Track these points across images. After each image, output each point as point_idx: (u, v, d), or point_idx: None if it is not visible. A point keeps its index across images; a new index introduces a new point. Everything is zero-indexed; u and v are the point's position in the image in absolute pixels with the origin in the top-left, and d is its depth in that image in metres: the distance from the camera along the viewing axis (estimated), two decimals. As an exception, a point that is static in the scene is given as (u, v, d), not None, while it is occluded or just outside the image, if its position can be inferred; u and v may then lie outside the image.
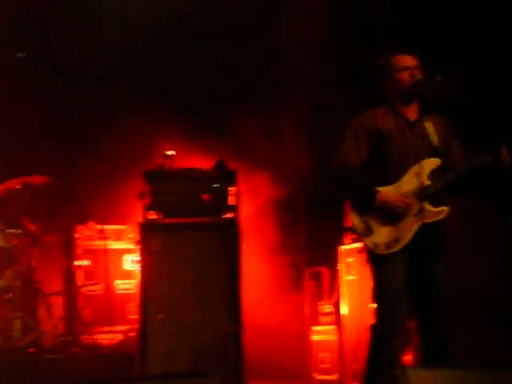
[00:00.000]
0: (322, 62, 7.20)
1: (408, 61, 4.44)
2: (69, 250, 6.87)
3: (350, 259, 6.26)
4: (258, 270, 6.70)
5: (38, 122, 7.20)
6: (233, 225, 5.52)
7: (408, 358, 5.54)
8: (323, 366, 6.50)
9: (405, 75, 4.41)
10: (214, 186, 5.61)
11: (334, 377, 6.35)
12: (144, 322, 5.40)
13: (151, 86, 7.45)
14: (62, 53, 7.26)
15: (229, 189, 5.62)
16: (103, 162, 7.37)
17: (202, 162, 5.97)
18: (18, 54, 7.35)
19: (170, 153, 5.80)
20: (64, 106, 7.36)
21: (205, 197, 5.57)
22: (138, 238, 5.58)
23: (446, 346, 4.23)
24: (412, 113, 4.47)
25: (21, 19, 7.18)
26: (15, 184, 6.59)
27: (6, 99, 7.08)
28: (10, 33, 7.18)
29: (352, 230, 4.46)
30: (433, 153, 4.38)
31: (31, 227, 6.56)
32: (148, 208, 5.59)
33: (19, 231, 6.38)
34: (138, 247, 5.59)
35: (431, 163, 4.36)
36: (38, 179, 6.66)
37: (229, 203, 5.61)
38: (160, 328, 5.40)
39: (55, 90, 7.34)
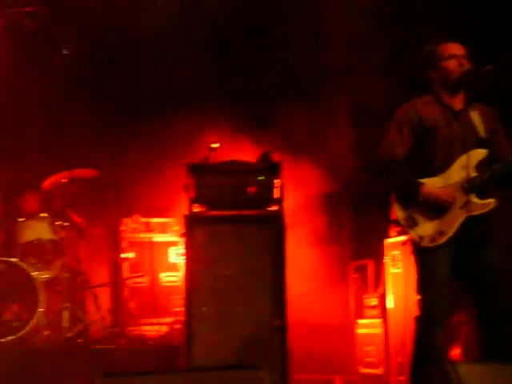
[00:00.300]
0: (369, 55, 7.14)
1: (455, 49, 4.35)
2: (114, 242, 6.95)
3: (395, 252, 6.19)
4: (302, 263, 6.67)
5: (84, 116, 7.29)
6: (278, 218, 5.48)
7: (456, 352, 5.47)
8: (368, 359, 6.45)
9: (452, 64, 4.31)
10: (259, 178, 5.58)
11: (379, 371, 6.29)
12: (189, 315, 5.41)
13: (197, 79, 7.47)
14: (111, 45, 7.33)
15: (274, 181, 5.59)
16: (148, 155, 7.44)
17: (247, 155, 5.95)
18: (64, 51, 7.44)
19: (214, 145, 5.79)
20: (110, 99, 7.43)
21: (250, 189, 5.55)
22: (183, 231, 5.59)
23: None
24: (457, 102, 4.38)
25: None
26: (62, 177, 6.67)
27: (54, 93, 7.19)
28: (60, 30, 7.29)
29: (397, 222, 4.41)
30: (479, 143, 4.29)
31: (78, 220, 6.65)
32: (192, 201, 5.59)
33: (66, 224, 6.46)
34: (183, 240, 5.60)
35: (478, 154, 4.27)
36: (84, 172, 6.74)
37: (274, 196, 5.58)
38: (205, 321, 5.40)
39: (103, 84, 7.42)
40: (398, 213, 4.35)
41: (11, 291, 6.06)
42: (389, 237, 6.30)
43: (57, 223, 6.42)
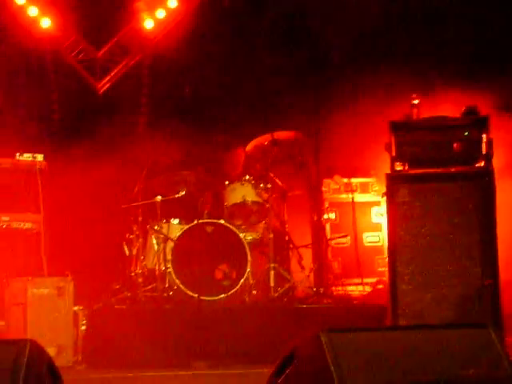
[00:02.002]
0: None
1: None
2: (316, 203, 7.00)
3: None
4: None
5: (283, 77, 7.38)
6: (487, 174, 5.26)
7: None
8: None
9: None
10: (465, 134, 5.36)
11: None
12: (393, 275, 5.36)
13: (399, 35, 7.30)
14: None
15: (481, 136, 5.34)
16: (349, 114, 7.38)
17: (450, 110, 5.73)
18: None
19: (416, 102, 5.62)
20: (308, 59, 7.44)
21: (455, 146, 5.35)
22: (385, 190, 5.52)
23: None
24: None
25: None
26: (263, 140, 6.80)
27: (256, 59, 7.34)
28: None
29: None
30: None
31: (279, 182, 6.76)
32: (394, 159, 5.49)
33: (269, 186, 6.59)
34: (385, 199, 5.53)
35: None
36: (285, 134, 6.82)
37: (481, 152, 5.33)
38: (410, 280, 5.32)
39: (298, 46, 7.47)
40: None
41: (220, 252, 6.31)
42: None
43: (260, 186, 6.56)
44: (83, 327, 5.91)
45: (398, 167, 5.51)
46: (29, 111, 7.69)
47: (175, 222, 6.52)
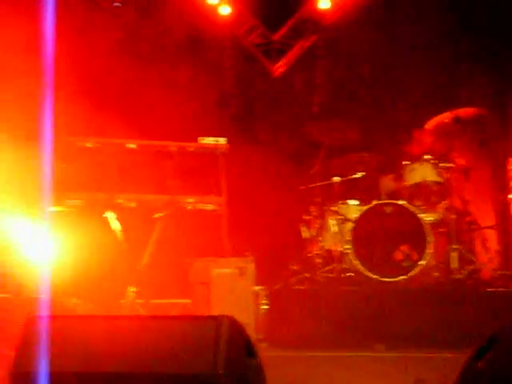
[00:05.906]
0: None
1: None
2: (501, 182, 6.68)
3: None
4: None
5: (467, 53, 7.10)
6: None
7: None
8: None
9: None
10: None
11: None
12: None
13: None
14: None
15: None
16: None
17: None
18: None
19: None
20: (494, 35, 7.11)
21: None
22: None
23: None
24: None
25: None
26: (444, 118, 6.58)
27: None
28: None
29: None
30: None
31: (462, 161, 6.51)
32: None
33: (451, 165, 6.37)
34: None
35: None
36: (467, 111, 6.55)
37: None
38: None
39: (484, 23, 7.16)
40: None
41: (400, 233, 6.18)
42: None
43: (441, 165, 6.35)
44: (263, 306, 6.01)
45: None
46: (210, 96, 7.92)
47: (353, 202, 6.47)
